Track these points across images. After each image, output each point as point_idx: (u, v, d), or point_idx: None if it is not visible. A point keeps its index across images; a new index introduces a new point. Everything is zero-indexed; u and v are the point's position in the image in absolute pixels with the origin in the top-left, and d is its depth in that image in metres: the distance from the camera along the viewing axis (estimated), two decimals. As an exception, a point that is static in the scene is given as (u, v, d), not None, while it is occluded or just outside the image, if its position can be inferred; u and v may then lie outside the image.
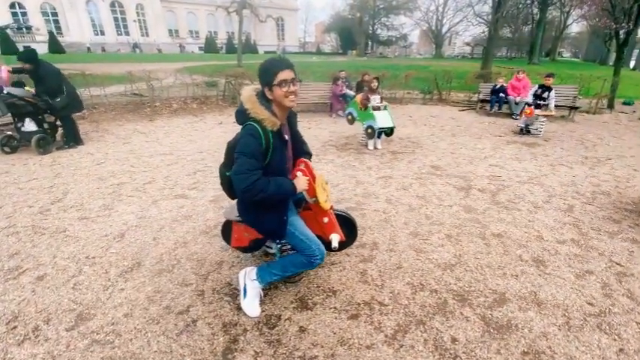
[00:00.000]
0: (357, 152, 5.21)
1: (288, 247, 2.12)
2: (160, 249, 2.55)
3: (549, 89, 6.23)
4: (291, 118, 1.79)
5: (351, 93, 7.82)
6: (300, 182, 1.68)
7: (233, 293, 2.07)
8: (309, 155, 1.93)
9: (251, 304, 1.90)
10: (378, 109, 5.20)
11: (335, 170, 4.37)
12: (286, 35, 65.98)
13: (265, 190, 1.52)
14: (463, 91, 11.65)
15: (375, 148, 5.39)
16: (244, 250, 2.11)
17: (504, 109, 8.55)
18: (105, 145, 5.41)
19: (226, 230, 2.10)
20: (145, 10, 48.15)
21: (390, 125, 5.14)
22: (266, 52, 45.66)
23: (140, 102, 8.80)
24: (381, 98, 5.46)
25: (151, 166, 4.46)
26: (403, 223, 2.99)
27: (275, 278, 1.91)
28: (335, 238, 1.89)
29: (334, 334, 1.79)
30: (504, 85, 8.33)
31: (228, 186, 1.77)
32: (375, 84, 5.57)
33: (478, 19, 42.82)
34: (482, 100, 8.84)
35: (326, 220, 1.91)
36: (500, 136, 6.41)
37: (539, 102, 6.23)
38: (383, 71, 12.63)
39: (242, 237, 2.00)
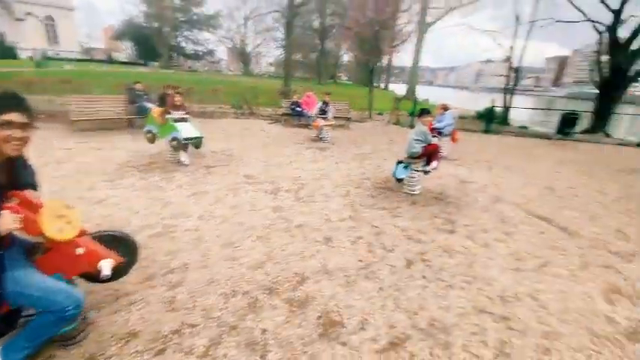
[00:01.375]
0: (165, 171, 4.75)
1: None
2: None
3: (328, 104, 7.90)
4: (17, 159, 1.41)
5: (151, 105, 7.06)
6: (4, 221, 1.30)
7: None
8: (32, 187, 1.55)
9: None
10: (180, 120, 4.98)
11: (137, 195, 3.80)
12: (61, 38, 51.95)
13: None
14: (271, 106, 12.91)
15: (183, 162, 5.08)
16: None
17: (303, 120, 10.11)
18: None
19: None
20: None
21: (196, 135, 5.02)
22: (30, 58, 34.17)
23: None
24: (187, 113, 5.25)
25: None
26: (216, 236, 2.96)
27: (27, 352, 1.44)
28: (105, 266, 1.60)
29: (134, 382, 1.54)
30: (299, 101, 9.86)
31: None
32: (178, 99, 5.28)
33: (275, 43, 48.89)
34: (285, 114, 10.11)
35: (80, 250, 1.57)
36: (301, 144, 7.53)
37: (323, 115, 7.78)
38: (192, 85, 12.17)
39: None
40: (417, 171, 4.41)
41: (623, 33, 12.28)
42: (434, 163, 4.46)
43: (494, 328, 2.04)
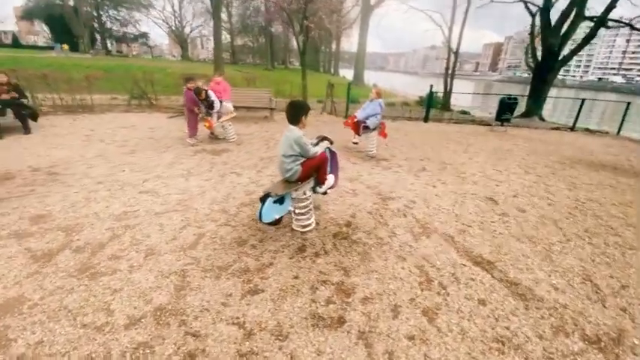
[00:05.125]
0: None
1: None
2: None
3: (208, 94, 6.12)
4: None
5: None
6: None
7: None
8: None
9: None
10: None
11: None
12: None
13: None
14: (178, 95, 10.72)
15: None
16: None
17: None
18: None
19: None
20: None
21: None
22: None
23: None
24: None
25: None
26: None
27: None
28: None
29: None
30: (205, 88, 7.86)
31: None
32: None
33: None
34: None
35: None
36: (193, 146, 5.70)
37: (210, 110, 6.03)
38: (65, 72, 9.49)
39: None
40: (304, 199, 2.86)
41: (554, 15, 11.99)
42: (330, 180, 2.99)
43: None
